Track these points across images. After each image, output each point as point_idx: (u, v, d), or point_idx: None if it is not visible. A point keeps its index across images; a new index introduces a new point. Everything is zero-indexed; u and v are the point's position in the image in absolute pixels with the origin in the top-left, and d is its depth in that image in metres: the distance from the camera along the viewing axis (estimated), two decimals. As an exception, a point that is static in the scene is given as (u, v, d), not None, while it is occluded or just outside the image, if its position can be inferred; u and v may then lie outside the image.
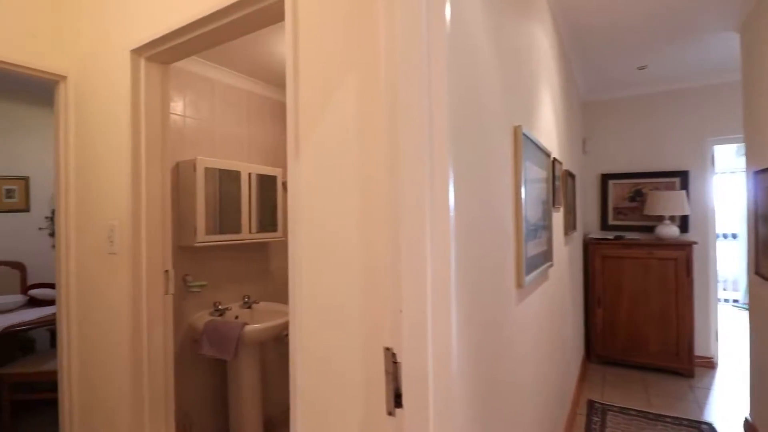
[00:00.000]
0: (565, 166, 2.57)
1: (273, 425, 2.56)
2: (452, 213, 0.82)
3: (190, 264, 2.19)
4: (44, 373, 2.45)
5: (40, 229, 3.58)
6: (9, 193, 3.52)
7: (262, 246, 2.64)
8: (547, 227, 1.84)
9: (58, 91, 1.80)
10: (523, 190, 1.37)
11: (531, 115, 1.68)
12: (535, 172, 1.60)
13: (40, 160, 3.63)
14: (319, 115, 0.99)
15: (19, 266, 3.46)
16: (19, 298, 2.89)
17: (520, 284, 1.35)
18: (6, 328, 2.48)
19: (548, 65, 2.12)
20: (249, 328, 2.01)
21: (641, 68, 3.25)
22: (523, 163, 1.38)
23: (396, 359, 0.83)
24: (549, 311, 1.97)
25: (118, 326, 1.60)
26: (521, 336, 1.43)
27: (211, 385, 2.28)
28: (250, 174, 2.41)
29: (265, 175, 2.51)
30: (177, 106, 2.16)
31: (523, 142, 1.39)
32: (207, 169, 2.16)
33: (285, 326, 2.18)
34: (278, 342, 2.63)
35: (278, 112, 2.77)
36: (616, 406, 2.79)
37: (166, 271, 1.65)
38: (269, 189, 2.54)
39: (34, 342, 3.18)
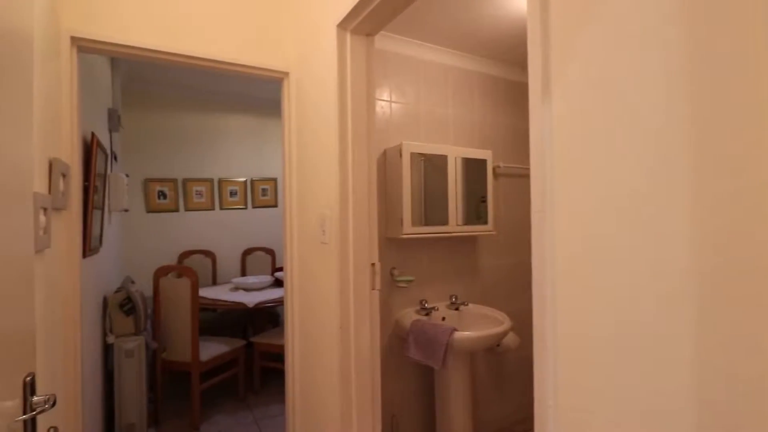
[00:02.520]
0: None
1: (483, 446, 2.23)
2: None
3: (395, 257, 2.06)
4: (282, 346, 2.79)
5: (283, 221, 4.24)
6: (264, 192, 4.31)
7: (470, 240, 2.34)
8: None
9: (283, 88, 1.91)
10: None
11: None
12: None
13: (283, 164, 4.32)
14: (589, 13, 0.58)
15: (270, 252, 4.18)
16: (268, 279, 3.43)
17: None
18: (258, 304, 2.94)
19: None
20: (459, 334, 1.73)
21: None
22: None
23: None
24: None
25: (328, 317, 1.56)
26: None
27: (417, 390, 2.12)
28: (456, 158, 2.14)
29: (473, 159, 2.20)
30: (383, 93, 2.06)
31: None
32: (413, 155, 1.99)
33: (500, 337, 1.82)
34: (490, 353, 2.28)
35: (486, 87, 2.42)
36: None
37: (373, 264, 1.51)
38: (477, 175, 2.22)
39: (278, 317, 3.77)
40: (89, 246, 1.83)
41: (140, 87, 3.58)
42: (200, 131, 3.97)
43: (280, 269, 3.80)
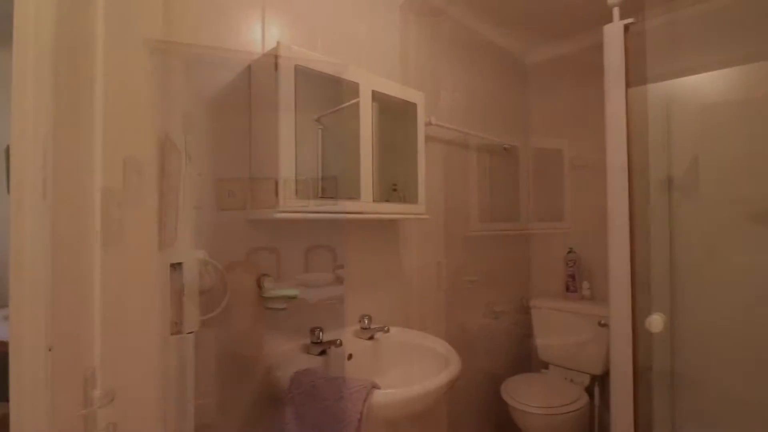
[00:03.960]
0: None
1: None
2: None
3: (460, 256, 1.93)
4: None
5: (344, 219, 4.26)
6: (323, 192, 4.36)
7: (544, 238, 2.14)
8: None
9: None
10: None
11: None
12: None
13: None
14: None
15: (331, 250, 4.22)
16: (329, 276, 3.44)
17: None
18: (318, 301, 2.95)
19: None
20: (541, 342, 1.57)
21: None
22: None
23: None
24: None
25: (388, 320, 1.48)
26: None
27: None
28: (526, 149, 1.96)
29: (547, 150, 2.00)
30: (446, 81, 1.94)
31: None
32: (479, 147, 1.85)
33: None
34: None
35: (564, 70, 2.19)
36: None
37: (439, 262, 1.41)
38: (552, 167, 2.01)
39: (339, 314, 3.78)
40: (164, 240, 1.91)
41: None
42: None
43: (339, 267, 3.81)
